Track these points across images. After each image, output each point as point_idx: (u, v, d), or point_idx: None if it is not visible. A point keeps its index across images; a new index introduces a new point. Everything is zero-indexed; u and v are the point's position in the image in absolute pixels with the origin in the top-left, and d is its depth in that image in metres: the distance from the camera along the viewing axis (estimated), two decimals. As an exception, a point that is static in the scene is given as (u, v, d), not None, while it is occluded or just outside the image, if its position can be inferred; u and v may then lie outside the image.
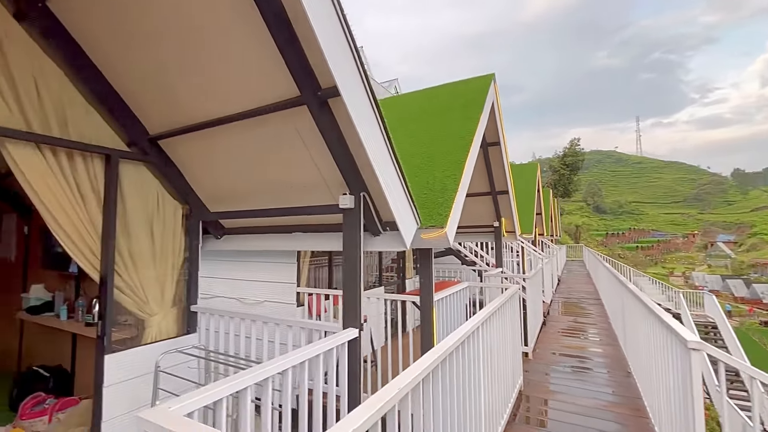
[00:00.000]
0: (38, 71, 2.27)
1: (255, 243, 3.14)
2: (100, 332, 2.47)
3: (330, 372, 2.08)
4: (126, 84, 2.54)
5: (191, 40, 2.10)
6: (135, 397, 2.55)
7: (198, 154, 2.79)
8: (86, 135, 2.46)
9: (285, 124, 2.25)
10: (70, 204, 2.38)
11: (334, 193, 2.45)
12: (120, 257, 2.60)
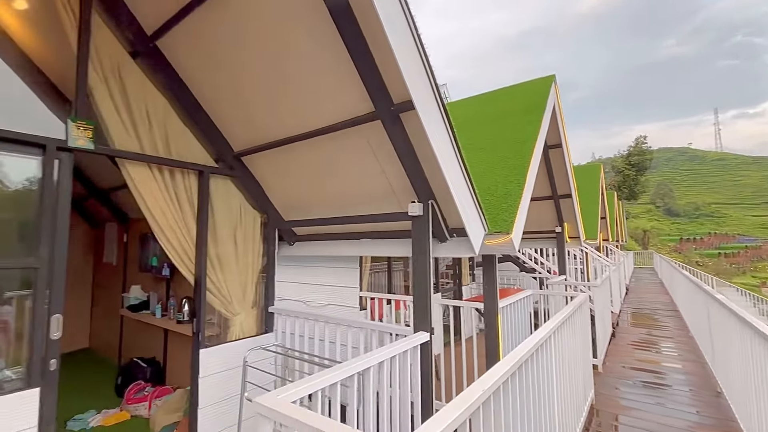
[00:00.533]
0: (149, 101, 2.64)
1: (324, 249, 3.33)
2: (195, 329, 2.77)
3: (403, 376, 2.16)
4: (215, 108, 2.86)
5: (273, 67, 2.33)
6: (225, 388, 2.82)
7: (275, 168, 3.04)
8: (184, 154, 2.80)
9: (357, 137, 2.40)
10: (171, 213, 2.71)
11: (402, 201, 2.55)
12: (209, 261, 2.90)
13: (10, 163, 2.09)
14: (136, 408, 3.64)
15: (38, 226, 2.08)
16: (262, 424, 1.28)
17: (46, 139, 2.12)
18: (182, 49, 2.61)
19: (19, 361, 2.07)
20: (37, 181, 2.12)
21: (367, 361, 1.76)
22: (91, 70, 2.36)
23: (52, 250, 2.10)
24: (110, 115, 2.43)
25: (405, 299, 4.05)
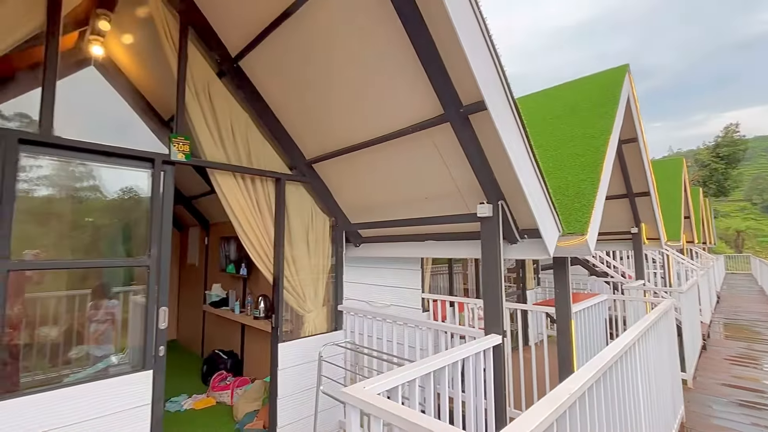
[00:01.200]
0: (233, 116, 2.92)
1: (389, 250, 3.42)
2: (274, 324, 3.00)
3: (476, 379, 2.15)
4: (290, 120, 3.08)
5: (342, 79, 2.47)
6: (300, 380, 3.01)
7: (342, 174, 3.19)
8: (263, 163, 3.05)
9: (423, 141, 2.45)
10: (253, 217, 2.97)
11: (469, 203, 2.55)
12: (285, 261, 3.12)
13: (127, 175, 2.44)
14: (220, 395, 4.00)
15: (149, 229, 2.40)
16: (351, 412, 1.37)
17: (154, 154, 2.44)
18: (260, 68, 2.85)
19: (136, 347, 2.40)
20: (148, 191, 2.44)
21: (442, 361, 1.79)
22: (187, 91, 2.67)
23: (159, 250, 2.41)
24: (202, 130, 2.72)
25: (468, 302, 4.01)
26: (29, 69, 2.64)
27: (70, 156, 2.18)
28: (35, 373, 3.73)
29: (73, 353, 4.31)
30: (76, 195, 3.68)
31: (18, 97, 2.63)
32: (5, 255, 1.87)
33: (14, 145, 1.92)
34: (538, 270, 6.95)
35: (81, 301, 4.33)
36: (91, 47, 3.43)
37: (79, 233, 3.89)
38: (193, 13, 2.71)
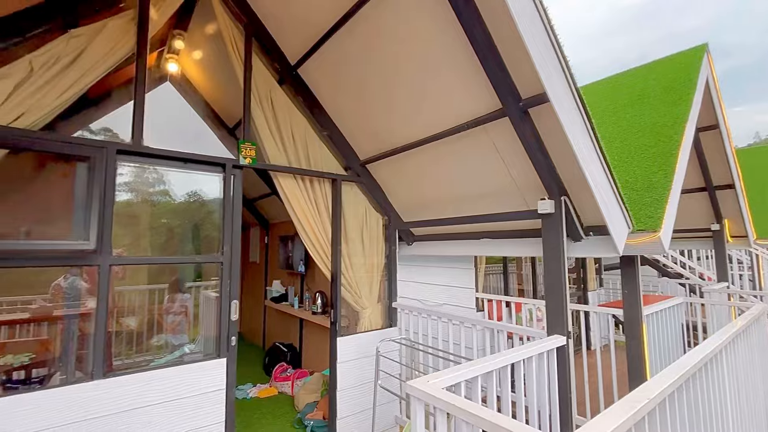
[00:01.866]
0: (293, 121, 3.08)
1: (442, 249, 3.40)
2: (332, 318, 3.12)
3: (539, 382, 2.08)
4: (345, 122, 3.19)
5: (395, 80, 2.51)
6: (358, 374, 3.10)
7: (395, 173, 3.24)
8: (320, 165, 3.18)
9: (479, 137, 2.42)
10: (312, 216, 3.11)
11: (528, 199, 2.47)
12: (342, 259, 3.23)
13: (202, 180, 2.68)
14: (282, 386, 4.23)
15: (222, 228, 2.61)
16: (416, 405, 1.40)
17: (225, 159, 2.65)
18: (318, 74, 2.98)
19: (210, 337, 2.62)
20: (220, 193, 2.66)
21: (504, 360, 1.76)
22: (252, 100, 2.86)
23: (231, 248, 2.61)
24: (266, 135, 2.90)
25: (526, 302, 3.87)
26: (121, 87, 2.98)
27: (155, 163, 2.44)
28: (124, 357, 4.20)
29: (155, 341, 4.78)
30: (158, 198, 4.08)
31: (112, 112, 2.99)
32: (108, 252, 2.14)
33: (113, 156, 2.19)
34: (601, 270, 6.51)
35: (159, 295, 4.79)
36: (168, 65, 3.80)
37: (160, 233, 4.31)
38: (257, 26, 2.90)
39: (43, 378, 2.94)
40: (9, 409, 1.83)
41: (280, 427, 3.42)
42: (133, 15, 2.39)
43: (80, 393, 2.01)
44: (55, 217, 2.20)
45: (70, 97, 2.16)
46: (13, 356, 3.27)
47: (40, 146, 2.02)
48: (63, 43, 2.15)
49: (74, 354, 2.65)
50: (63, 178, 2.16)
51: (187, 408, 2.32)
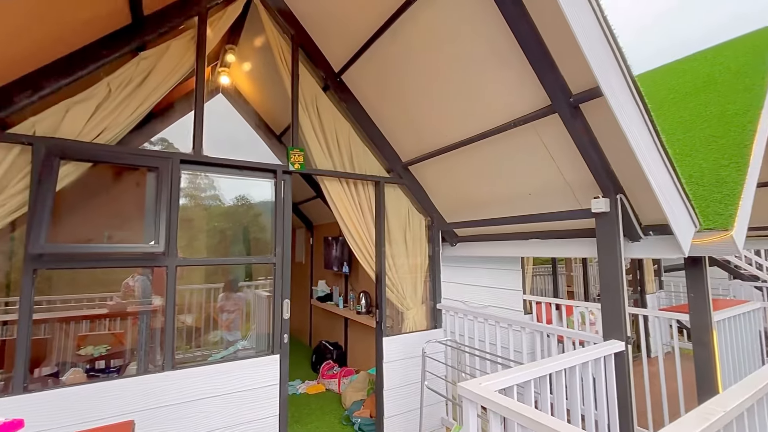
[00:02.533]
0: (337, 126, 3.17)
1: (488, 249, 3.35)
2: (378, 318, 3.17)
3: (597, 389, 1.99)
4: (388, 125, 3.23)
5: (438, 81, 2.51)
6: (404, 374, 3.13)
7: (438, 174, 3.23)
8: (364, 168, 3.25)
9: (526, 135, 2.35)
10: (356, 218, 3.18)
11: (580, 198, 2.37)
12: (386, 259, 3.27)
13: (256, 185, 2.84)
14: (329, 383, 4.36)
15: (273, 231, 2.75)
16: (468, 407, 1.40)
17: (276, 166, 2.78)
18: (361, 79, 3.05)
19: (265, 334, 2.77)
20: (271, 197, 2.80)
21: (558, 364, 1.71)
22: (299, 107, 2.98)
23: (283, 249, 2.74)
24: (312, 141, 3.02)
25: (577, 305, 3.70)
26: (180, 101, 3.23)
27: (213, 171, 2.61)
28: (184, 351, 4.51)
29: (211, 337, 5.08)
30: (211, 203, 4.35)
31: (173, 124, 3.24)
32: (175, 254, 2.33)
33: (177, 165, 2.39)
34: (660, 271, 6.06)
35: (214, 293, 5.10)
36: (221, 77, 4.05)
37: (213, 235, 4.58)
38: (303, 37, 3.02)
39: (119, 368, 3.25)
40: (96, 394, 2.06)
41: (328, 423, 3.53)
42: (192, 35, 2.59)
43: (153, 383, 2.21)
44: (130, 223, 2.43)
45: (140, 114, 2.38)
46: (93, 347, 3.65)
47: (117, 159, 2.25)
48: (134, 65, 2.37)
49: (146, 347, 2.91)
50: (136, 187, 2.38)
51: (245, 401, 2.47)
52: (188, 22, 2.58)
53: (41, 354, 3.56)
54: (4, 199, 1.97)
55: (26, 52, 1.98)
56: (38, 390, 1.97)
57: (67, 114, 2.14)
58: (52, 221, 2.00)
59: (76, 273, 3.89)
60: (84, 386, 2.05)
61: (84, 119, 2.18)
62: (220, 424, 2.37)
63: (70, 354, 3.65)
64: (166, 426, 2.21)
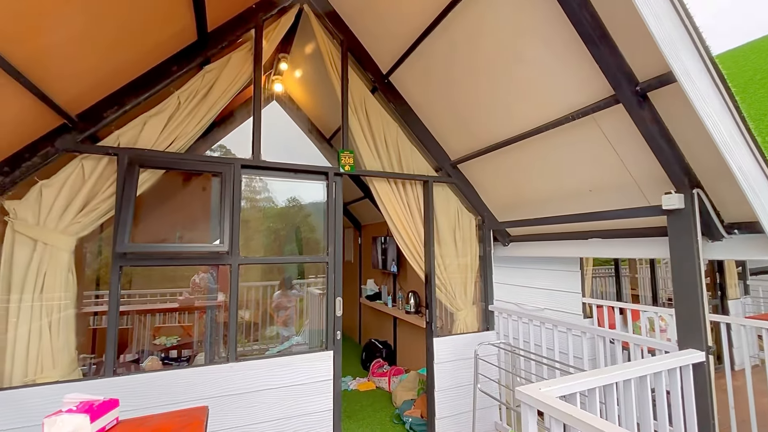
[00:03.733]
0: (385, 127, 3.20)
1: (542, 249, 3.20)
2: (428, 319, 3.15)
3: (672, 404, 1.83)
4: (436, 124, 3.20)
5: (489, 77, 2.44)
6: (455, 375, 3.09)
7: (489, 171, 3.14)
8: (412, 168, 3.25)
9: (587, 127, 2.22)
10: (405, 218, 3.19)
11: (648, 194, 2.19)
12: (435, 259, 3.24)
13: (306, 187, 2.95)
14: (379, 381, 4.41)
15: (326, 231, 2.84)
16: (528, 412, 1.35)
17: (327, 168, 2.87)
18: (408, 79, 3.05)
19: (319, 330, 2.86)
20: (324, 199, 2.90)
21: (628, 372, 1.59)
22: (349, 109, 3.05)
23: (335, 248, 2.82)
24: (361, 143, 3.07)
25: (645, 309, 3.41)
26: (239, 109, 3.43)
27: (271, 175, 2.76)
28: (242, 345, 4.78)
29: (267, 332, 5.35)
30: (265, 205, 4.57)
31: (230, 132, 3.46)
32: (237, 253, 2.49)
33: (239, 170, 2.55)
34: (746, 274, 5.40)
35: (270, 291, 5.36)
36: (274, 85, 4.25)
37: (267, 235, 4.80)
38: (351, 41, 3.09)
39: (188, 357, 3.54)
40: (170, 380, 2.26)
41: (379, 421, 3.57)
42: (250, 47, 2.75)
43: (219, 372, 2.38)
44: (198, 224, 2.64)
45: (205, 123, 2.57)
46: (166, 338, 4.01)
47: (187, 166, 2.45)
48: (199, 79, 2.57)
49: (211, 339, 3.14)
50: (202, 191, 2.58)
51: (301, 394, 2.58)
52: (246, 35, 2.74)
53: (124, 342, 3.97)
54: (96, 203, 2.23)
55: (111, 73, 2.22)
56: (125, 374, 2.20)
57: (145, 126, 2.38)
58: (133, 223, 2.23)
59: (149, 270, 4.29)
60: (161, 373, 2.27)
61: (158, 130, 2.40)
62: (279, 414, 2.50)
63: (147, 343, 4.04)
64: (230, 413, 2.37)
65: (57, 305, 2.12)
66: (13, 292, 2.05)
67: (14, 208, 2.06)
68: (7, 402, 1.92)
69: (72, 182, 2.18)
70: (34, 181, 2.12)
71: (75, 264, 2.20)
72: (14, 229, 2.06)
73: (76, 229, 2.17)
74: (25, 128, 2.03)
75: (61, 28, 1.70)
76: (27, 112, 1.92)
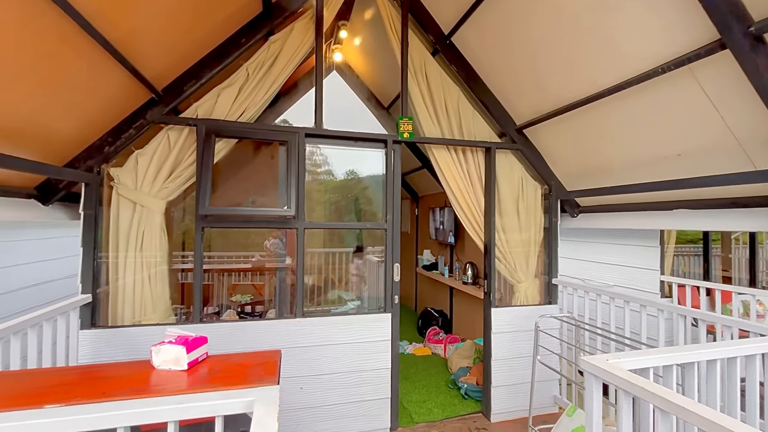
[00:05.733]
0: (446, 91, 3.09)
1: (619, 221, 2.95)
2: (486, 289, 3.12)
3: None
4: (500, 86, 3.02)
5: (561, 30, 2.21)
6: (512, 347, 3.05)
7: (558, 136, 2.92)
8: (473, 134, 3.12)
9: (679, 80, 1.94)
10: (465, 187, 3.11)
11: (755, 156, 1.89)
12: (495, 230, 3.14)
13: (364, 158, 3.00)
14: (435, 347, 4.51)
15: (384, 198, 2.88)
16: (593, 382, 1.30)
17: (386, 136, 2.87)
18: (472, 39, 2.88)
19: (378, 295, 2.97)
20: (383, 167, 2.92)
21: (716, 351, 1.44)
22: (408, 75, 2.98)
23: (393, 216, 2.86)
24: (421, 109, 3.01)
25: (741, 291, 3.03)
26: (302, 79, 3.52)
27: (332, 143, 2.83)
28: (307, 308, 5.13)
29: (330, 295, 5.68)
30: (328, 177, 4.72)
31: (294, 103, 3.57)
32: (302, 218, 2.64)
33: (303, 138, 2.65)
34: None
35: (331, 258, 5.63)
36: (334, 54, 4.27)
37: (329, 203, 4.99)
38: (412, 1, 2.97)
39: (261, 313, 3.90)
40: (246, 330, 2.52)
41: (435, 384, 3.68)
42: (311, 15, 2.77)
43: (288, 326, 2.60)
44: (267, 190, 2.82)
45: (272, 93, 2.69)
46: (241, 295, 4.44)
47: (256, 135, 2.61)
48: (265, 50, 2.67)
49: (281, 296, 3.42)
50: (270, 159, 2.74)
51: (362, 352, 2.73)
52: (307, 3, 2.76)
53: (206, 297, 4.48)
54: (180, 171, 2.47)
55: (189, 49, 2.39)
56: (209, 322, 2.50)
57: (218, 98, 2.55)
58: (211, 190, 2.45)
59: (225, 235, 4.72)
60: (239, 323, 2.54)
61: (230, 101, 2.56)
62: (342, 368, 2.68)
63: (225, 299, 4.52)
64: (298, 363, 2.60)
65: (153, 261, 2.44)
66: (121, 248, 2.38)
67: (117, 174, 2.36)
68: (122, 337, 2.29)
69: (160, 151, 2.44)
70: (131, 151, 2.40)
71: (165, 225, 2.50)
72: (118, 193, 2.37)
73: (165, 194, 2.44)
74: (122, 103, 2.28)
75: (149, 7, 1.85)
76: (122, 88, 2.15)
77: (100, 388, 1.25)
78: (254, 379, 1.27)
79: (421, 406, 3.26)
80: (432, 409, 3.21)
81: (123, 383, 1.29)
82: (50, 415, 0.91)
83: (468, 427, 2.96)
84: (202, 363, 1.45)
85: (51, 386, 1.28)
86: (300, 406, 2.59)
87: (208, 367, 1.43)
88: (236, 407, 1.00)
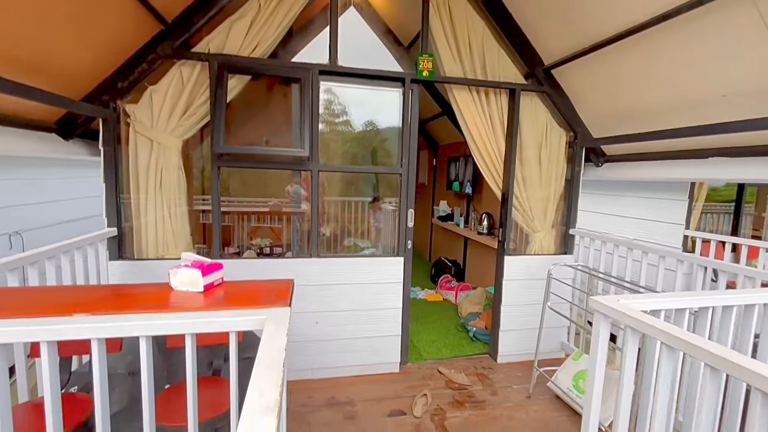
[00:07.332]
0: (470, 27, 2.86)
1: (647, 171, 2.81)
2: (501, 237, 3.10)
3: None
4: (530, 19, 2.77)
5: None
6: (523, 294, 3.09)
7: (589, 78, 2.71)
8: (498, 74, 2.93)
9: (734, 8, 1.72)
10: (486, 132, 2.99)
11: (810, 97, 1.71)
12: (515, 178, 3.05)
13: (384, 95, 2.87)
14: (446, 293, 4.63)
15: (400, 142, 2.80)
16: (601, 321, 1.30)
17: (404, 74, 2.73)
18: (502, -38, 2.60)
19: (392, 239, 3.01)
20: (399, 108, 2.81)
21: (731, 297, 1.41)
22: (430, 9, 2.76)
23: (408, 160, 2.80)
24: (442, 46, 2.82)
25: (765, 245, 2.91)
26: (318, 15, 3.32)
27: (347, 81, 2.72)
28: (328, 248, 5.24)
29: (346, 243, 5.78)
30: (345, 129, 4.61)
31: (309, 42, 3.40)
32: (317, 159, 2.61)
33: (317, 75, 2.55)
34: None
35: (347, 206, 5.67)
36: (352, -12, 3.97)
37: (348, 158, 4.94)
38: None
39: (279, 254, 4.04)
40: (264, 266, 2.62)
41: (445, 326, 3.82)
42: (326, -63, 2.54)
43: (303, 265, 2.68)
44: (281, 130, 2.78)
45: (285, 27, 2.55)
46: (260, 239, 4.58)
47: (269, 71, 2.53)
48: (277, -22, 2.49)
49: (297, 237, 3.50)
50: (284, 98, 2.67)
51: (375, 291, 2.82)
52: (322, -76, 2.52)
53: (227, 238, 4.64)
54: (195, 108, 2.45)
55: (197, -25, 2.26)
56: (228, 258, 2.60)
57: (230, 31, 2.44)
58: (225, 129, 2.43)
59: (242, 179, 4.77)
60: (257, 260, 2.66)
61: (242, 35, 2.45)
62: (355, 306, 2.80)
63: (245, 241, 4.68)
64: (313, 300, 2.72)
65: (173, 199, 2.50)
66: (141, 187, 2.44)
67: (133, 111, 2.36)
68: (146, 269, 2.42)
69: (174, 88, 2.40)
70: (144, 87, 2.38)
71: (183, 165, 2.52)
72: (135, 130, 2.39)
73: (180, 132, 2.44)
74: (130, 36, 2.21)
75: None
76: (130, 19, 2.07)
77: (124, 302, 1.34)
78: (266, 302, 1.33)
79: (430, 345, 3.41)
80: (441, 348, 3.36)
81: (144, 299, 1.39)
82: (79, 322, 0.98)
83: (474, 365, 3.10)
84: (218, 287, 1.52)
85: (80, 300, 1.38)
86: (314, 339, 2.74)
87: (224, 290, 1.50)
88: (248, 324, 1.06)
